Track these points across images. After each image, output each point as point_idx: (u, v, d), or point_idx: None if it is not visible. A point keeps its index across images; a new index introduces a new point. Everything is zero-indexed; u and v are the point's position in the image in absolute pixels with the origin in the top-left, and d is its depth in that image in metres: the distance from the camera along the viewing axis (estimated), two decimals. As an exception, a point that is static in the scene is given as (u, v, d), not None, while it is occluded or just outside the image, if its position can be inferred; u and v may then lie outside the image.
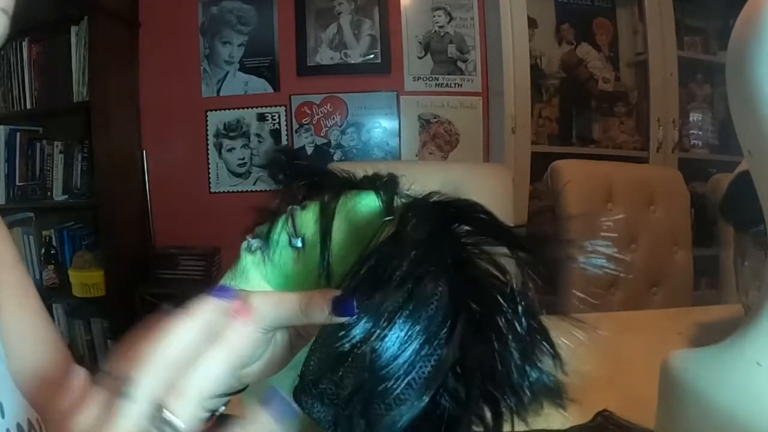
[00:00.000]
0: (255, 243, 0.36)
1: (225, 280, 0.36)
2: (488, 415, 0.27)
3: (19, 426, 0.37)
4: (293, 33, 2.23)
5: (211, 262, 2.14)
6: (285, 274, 0.36)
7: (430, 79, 2.25)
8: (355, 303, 0.27)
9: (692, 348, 0.41)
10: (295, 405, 0.27)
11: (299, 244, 0.34)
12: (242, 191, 2.28)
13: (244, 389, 0.39)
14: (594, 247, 0.31)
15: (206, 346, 0.25)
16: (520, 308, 0.28)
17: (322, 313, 0.27)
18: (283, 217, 0.36)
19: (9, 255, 0.44)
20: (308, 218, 0.34)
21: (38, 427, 0.39)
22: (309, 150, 2.26)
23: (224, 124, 2.26)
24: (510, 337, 0.27)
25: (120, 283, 2.03)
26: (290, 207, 0.35)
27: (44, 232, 2.14)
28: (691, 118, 2.43)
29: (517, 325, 0.27)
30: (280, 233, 0.36)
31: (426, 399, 0.24)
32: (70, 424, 0.23)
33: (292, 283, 0.36)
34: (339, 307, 0.27)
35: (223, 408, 0.39)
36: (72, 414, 0.23)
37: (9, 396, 0.38)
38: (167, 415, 0.23)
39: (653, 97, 2.23)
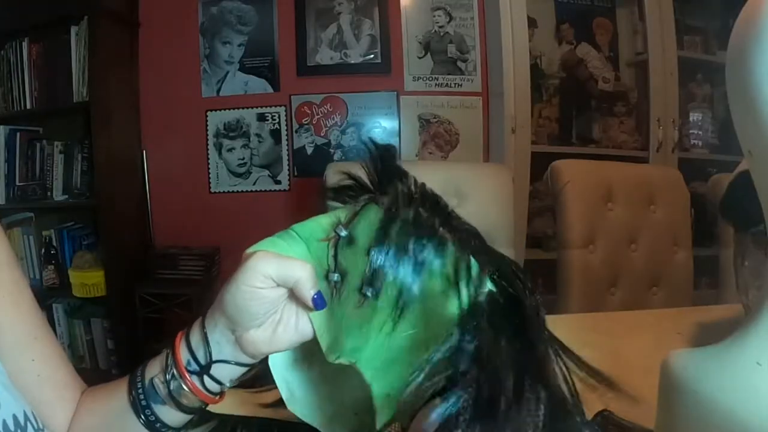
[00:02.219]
0: (335, 277, 0.37)
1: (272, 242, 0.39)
2: None
3: (14, 417, 0.37)
4: (293, 33, 2.23)
5: (211, 262, 2.14)
6: (339, 309, 0.37)
7: (430, 79, 2.25)
8: (323, 303, 0.36)
9: (692, 348, 0.41)
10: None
11: (369, 294, 0.35)
12: (242, 191, 2.28)
13: (255, 365, 0.40)
14: None
15: None
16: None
17: (310, 291, 0.36)
18: (364, 253, 0.36)
19: (3, 253, 0.44)
20: (382, 276, 0.35)
21: (34, 420, 0.39)
22: (309, 150, 2.26)
23: (224, 124, 2.26)
24: None
25: (120, 283, 2.03)
26: (372, 251, 0.35)
27: (44, 232, 2.14)
28: (691, 118, 2.43)
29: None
30: (354, 276, 0.37)
31: None
32: None
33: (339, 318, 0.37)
34: (317, 300, 0.36)
35: (230, 384, 0.41)
36: None
37: (4, 390, 0.38)
38: None
39: (653, 97, 2.23)
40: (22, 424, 0.38)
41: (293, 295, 0.38)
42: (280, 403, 0.54)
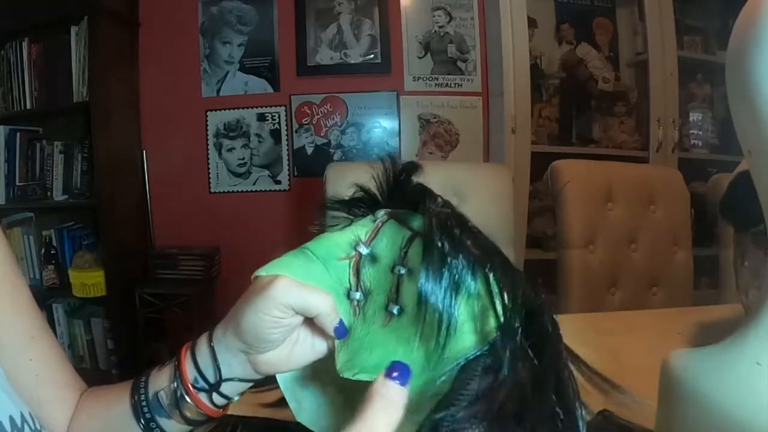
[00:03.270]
0: (358, 295, 0.37)
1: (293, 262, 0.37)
2: None
3: (11, 419, 0.37)
4: (293, 33, 2.23)
5: (211, 262, 2.14)
6: (363, 328, 0.37)
7: (430, 79, 2.25)
8: (346, 332, 0.35)
9: (692, 348, 0.41)
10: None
11: (395, 312, 0.35)
12: (242, 191, 2.28)
13: (260, 380, 0.40)
14: None
15: None
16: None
17: (333, 322, 0.35)
18: (389, 271, 0.36)
19: (1, 252, 0.44)
20: (412, 291, 0.34)
21: (32, 421, 0.39)
22: (309, 150, 2.26)
23: (224, 124, 2.26)
24: None
25: (120, 283, 2.03)
26: (396, 268, 0.35)
27: (44, 232, 2.14)
28: (691, 118, 2.43)
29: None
30: (379, 294, 0.36)
31: None
32: None
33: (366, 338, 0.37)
34: (339, 328, 0.35)
35: (238, 398, 0.40)
36: None
37: (1, 390, 0.38)
38: None
39: (653, 97, 2.23)
40: (19, 426, 0.37)
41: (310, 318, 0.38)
42: (280, 403, 0.54)
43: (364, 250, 0.37)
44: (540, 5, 2.29)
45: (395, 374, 0.28)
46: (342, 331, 0.36)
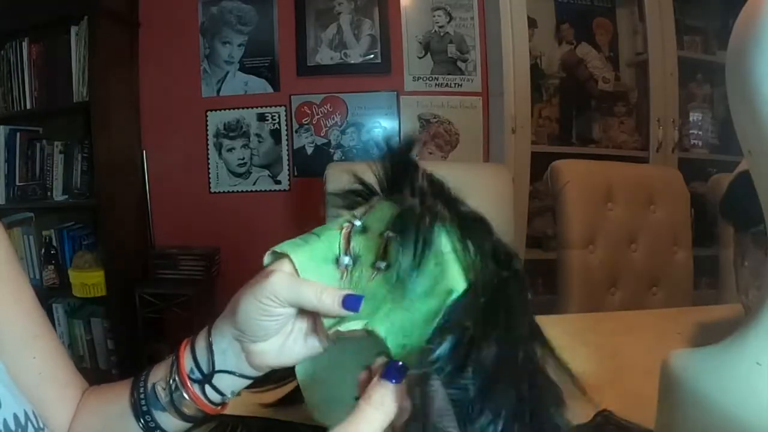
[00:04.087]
0: (347, 260, 0.38)
1: (295, 245, 0.39)
2: None
3: (15, 417, 0.37)
4: (293, 33, 2.23)
5: (211, 262, 2.14)
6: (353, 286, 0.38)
7: (430, 79, 2.25)
8: (360, 301, 0.35)
9: (692, 348, 0.41)
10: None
11: (382, 267, 0.37)
12: (242, 191, 2.28)
13: (259, 379, 0.41)
14: None
15: None
16: None
17: (332, 305, 0.35)
18: (378, 237, 0.38)
19: (3, 250, 0.44)
20: (398, 250, 0.36)
21: (35, 419, 0.39)
22: (309, 150, 2.26)
23: (224, 124, 2.26)
24: None
25: (120, 283, 2.03)
26: (386, 232, 0.37)
27: (44, 232, 2.14)
28: (691, 118, 2.43)
29: None
30: (367, 257, 0.38)
31: None
32: None
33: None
34: (348, 301, 0.35)
35: (232, 396, 0.41)
36: None
37: (5, 388, 0.38)
38: None
39: (653, 97, 2.23)
40: (23, 424, 0.38)
41: (305, 312, 0.38)
42: (280, 403, 0.54)
43: (357, 222, 0.39)
44: (540, 5, 2.29)
45: (391, 374, 0.31)
46: (354, 302, 0.36)
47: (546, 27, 2.33)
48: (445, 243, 0.35)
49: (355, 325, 0.35)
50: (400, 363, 0.31)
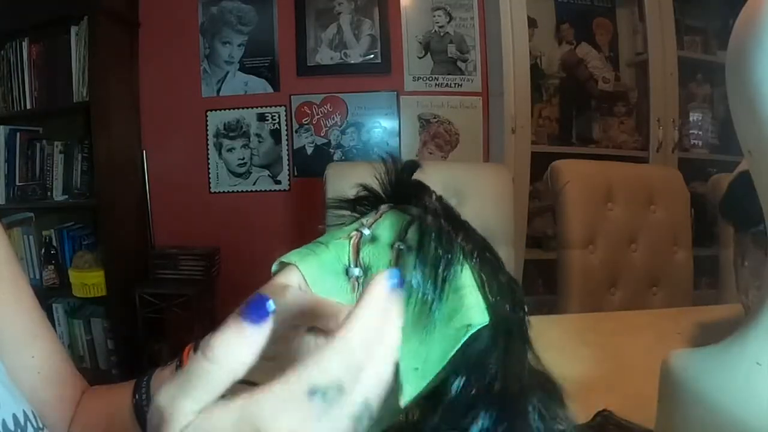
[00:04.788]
0: (357, 271, 0.37)
1: (301, 255, 0.37)
2: None
3: (14, 417, 0.37)
4: (293, 33, 2.23)
5: (211, 262, 2.14)
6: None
7: (430, 79, 2.25)
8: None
9: (692, 348, 0.41)
10: None
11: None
12: (242, 191, 2.28)
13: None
14: None
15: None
16: None
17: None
18: (388, 248, 0.36)
19: (2, 250, 0.44)
20: (410, 264, 0.35)
21: (34, 419, 0.39)
22: (309, 150, 2.26)
23: (224, 124, 2.26)
24: None
25: (120, 283, 2.03)
26: (398, 243, 0.36)
27: (44, 232, 2.14)
28: (691, 118, 2.43)
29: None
30: (377, 269, 0.37)
31: None
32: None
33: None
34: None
35: None
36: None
37: (4, 389, 0.38)
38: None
39: (653, 97, 2.23)
40: (22, 424, 0.37)
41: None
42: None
43: (365, 230, 0.38)
44: (540, 5, 2.29)
45: (253, 312, 0.22)
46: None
47: (546, 27, 2.33)
48: (465, 273, 0.35)
49: None
50: (269, 301, 0.23)
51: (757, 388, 0.35)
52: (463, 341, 0.32)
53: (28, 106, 2.07)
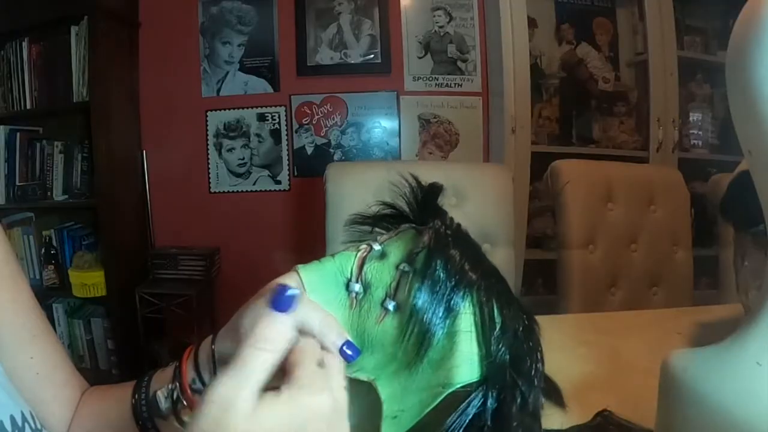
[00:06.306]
0: (357, 287, 0.37)
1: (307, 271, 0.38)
2: None
3: (12, 418, 0.37)
4: (293, 33, 2.23)
5: (211, 262, 2.14)
6: (359, 322, 0.38)
7: (430, 79, 2.25)
8: (357, 355, 0.34)
9: (692, 348, 0.41)
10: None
11: (391, 308, 0.36)
12: (242, 191, 2.28)
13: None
14: None
15: None
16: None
17: (331, 344, 0.34)
18: (394, 267, 0.37)
19: (2, 250, 0.44)
20: (411, 290, 0.36)
21: (32, 420, 0.39)
22: (309, 150, 2.26)
23: (224, 124, 2.26)
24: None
25: (120, 283, 2.03)
26: (402, 265, 0.36)
27: (44, 232, 2.14)
28: (691, 118, 2.43)
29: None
30: (378, 288, 0.37)
31: None
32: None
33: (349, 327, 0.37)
34: (347, 347, 0.34)
35: None
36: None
37: (2, 390, 0.38)
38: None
39: (653, 97, 2.23)
40: (20, 425, 0.37)
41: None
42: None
43: (376, 246, 0.38)
44: (540, 5, 2.29)
45: (280, 302, 0.29)
46: (351, 353, 0.34)
47: (546, 27, 2.33)
48: (465, 318, 0.34)
49: (362, 375, 0.35)
50: (290, 289, 0.29)
51: (757, 388, 0.35)
52: (438, 401, 0.32)
53: (28, 106, 2.07)
